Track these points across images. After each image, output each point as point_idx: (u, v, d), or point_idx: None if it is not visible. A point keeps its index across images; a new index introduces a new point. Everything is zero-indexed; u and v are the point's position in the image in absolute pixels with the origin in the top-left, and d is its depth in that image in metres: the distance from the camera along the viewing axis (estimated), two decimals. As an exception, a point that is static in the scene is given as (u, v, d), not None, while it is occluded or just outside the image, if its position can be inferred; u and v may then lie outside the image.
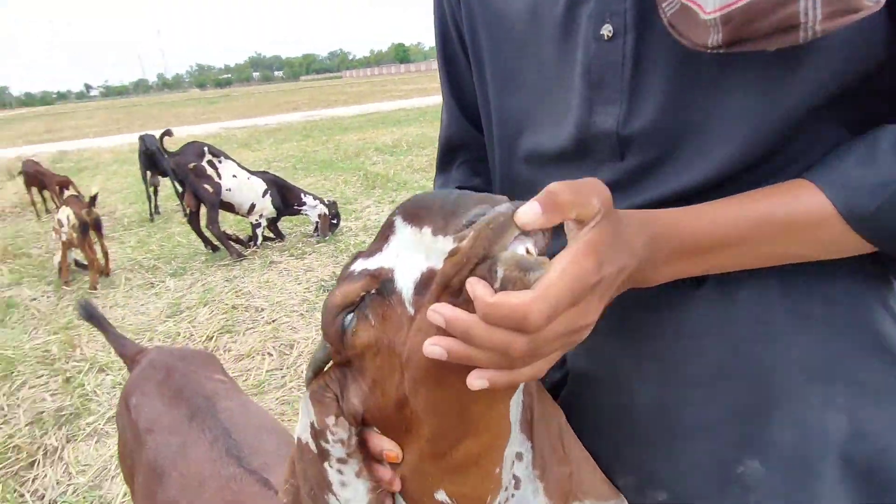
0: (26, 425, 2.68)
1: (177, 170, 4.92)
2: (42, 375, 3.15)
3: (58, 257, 4.58)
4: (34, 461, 2.43)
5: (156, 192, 6.67)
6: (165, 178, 6.09)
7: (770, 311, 0.53)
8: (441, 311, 0.40)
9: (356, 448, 0.50)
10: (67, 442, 2.56)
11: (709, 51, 0.45)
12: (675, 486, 0.58)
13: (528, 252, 0.39)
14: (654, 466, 0.59)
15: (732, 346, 0.54)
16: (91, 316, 1.47)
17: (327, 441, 0.50)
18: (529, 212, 0.39)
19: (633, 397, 0.59)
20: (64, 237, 4.35)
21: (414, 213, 0.44)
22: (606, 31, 0.53)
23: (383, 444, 0.51)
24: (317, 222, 5.24)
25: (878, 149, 0.47)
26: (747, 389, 0.54)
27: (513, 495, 0.54)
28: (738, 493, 0.54)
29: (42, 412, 2.78)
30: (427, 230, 0.43)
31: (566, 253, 0.40)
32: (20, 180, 7.23)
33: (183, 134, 13.89)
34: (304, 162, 9.31)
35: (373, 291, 0.46)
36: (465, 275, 0.39)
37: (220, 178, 4.98)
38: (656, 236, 0.47)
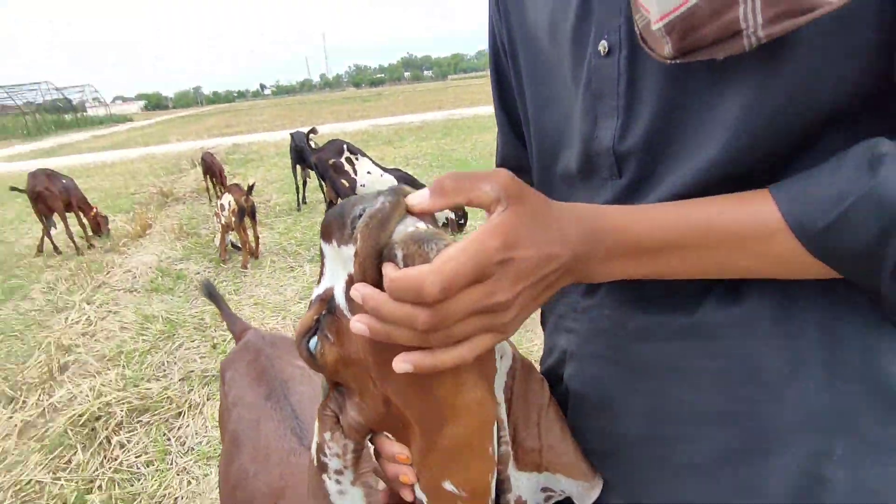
0: (179, 381, 3.13)
1: (319, 165, 5.38)
2: (195, 340, 3.65)
3: (218, 238, 5.24)
4: (181, 412, 2.83)
5: (305, 184, 7.33)
6: (314, 172, 6.67)
7: (764, 353, 0.50)
8: (359, 290, 0.43)
9: (353, 460, 0.54)
10: (208, 399, 2.94)
11: (668, 62, 0.44)
12: None
13: (417, 228, 0.42)
14: (645, 498, 0.58)
15: (724, 386, 0.51)
16: (211, 294, 1.70)
17: (325, 455, 0.55)
18: (418, 195, 0.43)
19: (626, 427, 0.58)
20: (223, 220, 4.96)
21: (325, 231, 0.47)
22: (602, 46, 0.53)
23: (394, 449, 0.55)
24: (445, 220, 5.42)
25: (844, 159, 0.42)
26: (740, 433, 0.51)
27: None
28: None
29: (192, 371, 3.22)
30: (335, 243, 0.46)
31: (473, 233, 0.41)
32: (200, 169, 8.33)
33: (336, 130, 15.01)
34: (441, 160, 9.61)
35: (324, 313, 0.50)
36: (372, 272, 0.42)
37: (355, 173, 5.36)
38: (596, 230, 0.46)
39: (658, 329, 0.55)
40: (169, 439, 2.63)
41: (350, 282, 0.46)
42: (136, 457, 2.51)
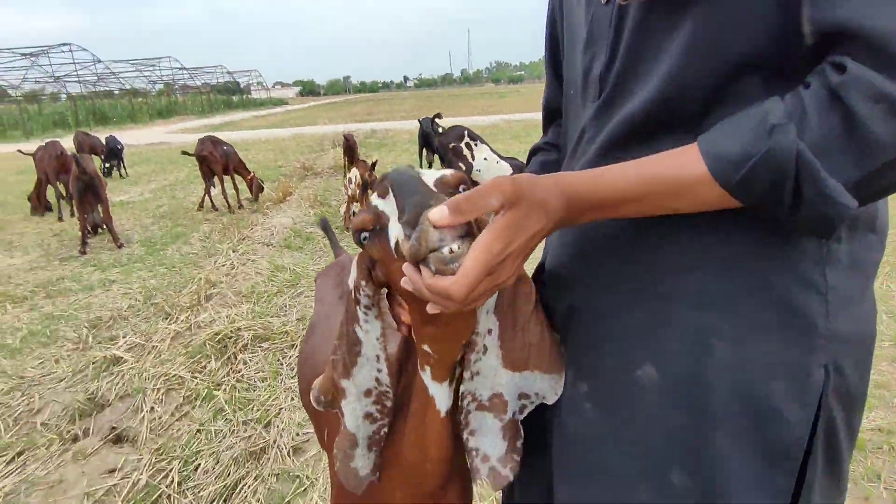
0: (296, 320, 3.60)
1: (440, 147, 5.73)
2: (313, 289, 4.13)
3: (343, 208, 5.78)
4: (293, 345, 3.28)
5: (430, 166, 7.78)
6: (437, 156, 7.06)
7: (676, 254, 0.63)
8: (407, 272, 0.57)
9: (377, 300, 0.73)
10: (316, 339, 3.38)
11: (621, 3, 0.62)
12: (594, 381, 0.71)
13: (449, 252, 0.54)
14: (582, 366, 0.73)
15: (646, 267, 0.66)
16: (324, 227, 2.09)
17: (360, 292, 0.73)
18: (439, 214, 0.53)
19: (572, 300, 0.73)
20: (349, 192, 5.48)
21: (397, 190, 0.58)
22: None
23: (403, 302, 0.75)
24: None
25: (748, 121, 0.52)
26: (649, 307, 0.66)
27: (480, 358, 0.72)
28: (636, 390, 0.66)
29: (307, 315, 3.68)
30: (397, 213, 0.59)
31: (481, 239, 0.53)
32: (341, 148, 9.07)
33: (468, 122, 15.20)
34: (563, 156, 9.54)
35: (377, 227, 0.64)
36: (415, 264, 0.57)
37: (472, 158, 5.64)
38: (571, 197, 0.58)
39: (610, 220, 0.68)
40: (281, 364, 3.08)
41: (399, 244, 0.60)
42: (254, 372, 2.99)
